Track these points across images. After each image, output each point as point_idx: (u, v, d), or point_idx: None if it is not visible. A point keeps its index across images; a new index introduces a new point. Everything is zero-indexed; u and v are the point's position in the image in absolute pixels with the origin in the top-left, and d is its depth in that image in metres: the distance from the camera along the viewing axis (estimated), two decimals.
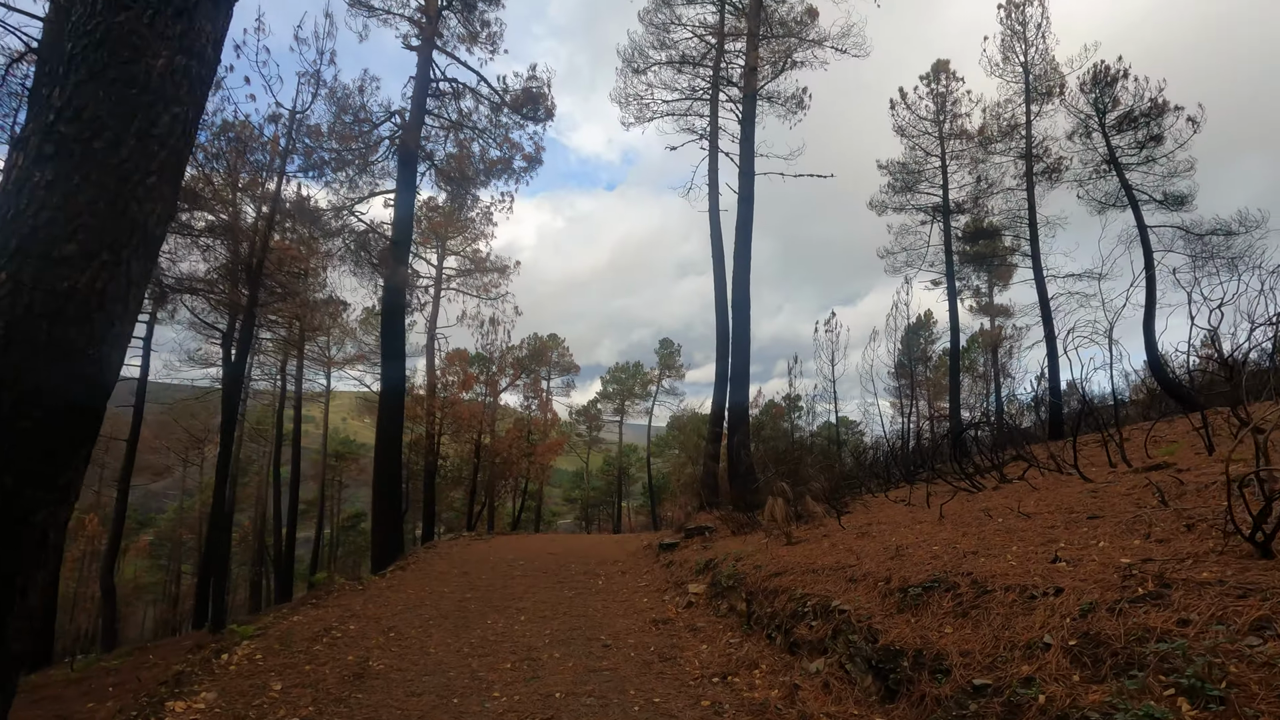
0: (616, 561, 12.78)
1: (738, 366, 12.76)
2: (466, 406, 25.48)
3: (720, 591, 6.75)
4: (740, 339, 12.83)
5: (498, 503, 31.97)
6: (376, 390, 36.46)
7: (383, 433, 13.16)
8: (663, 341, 43.04)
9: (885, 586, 4.85)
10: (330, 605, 7.69)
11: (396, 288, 13.07)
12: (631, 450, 52.94)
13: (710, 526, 11.45)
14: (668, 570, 9.40)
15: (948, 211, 21.84)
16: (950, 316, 21.75)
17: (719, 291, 15.80)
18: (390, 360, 13.49)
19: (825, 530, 7.64)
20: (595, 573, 10.91)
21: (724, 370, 15.59)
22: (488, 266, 25.30)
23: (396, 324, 13.62)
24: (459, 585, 9.32)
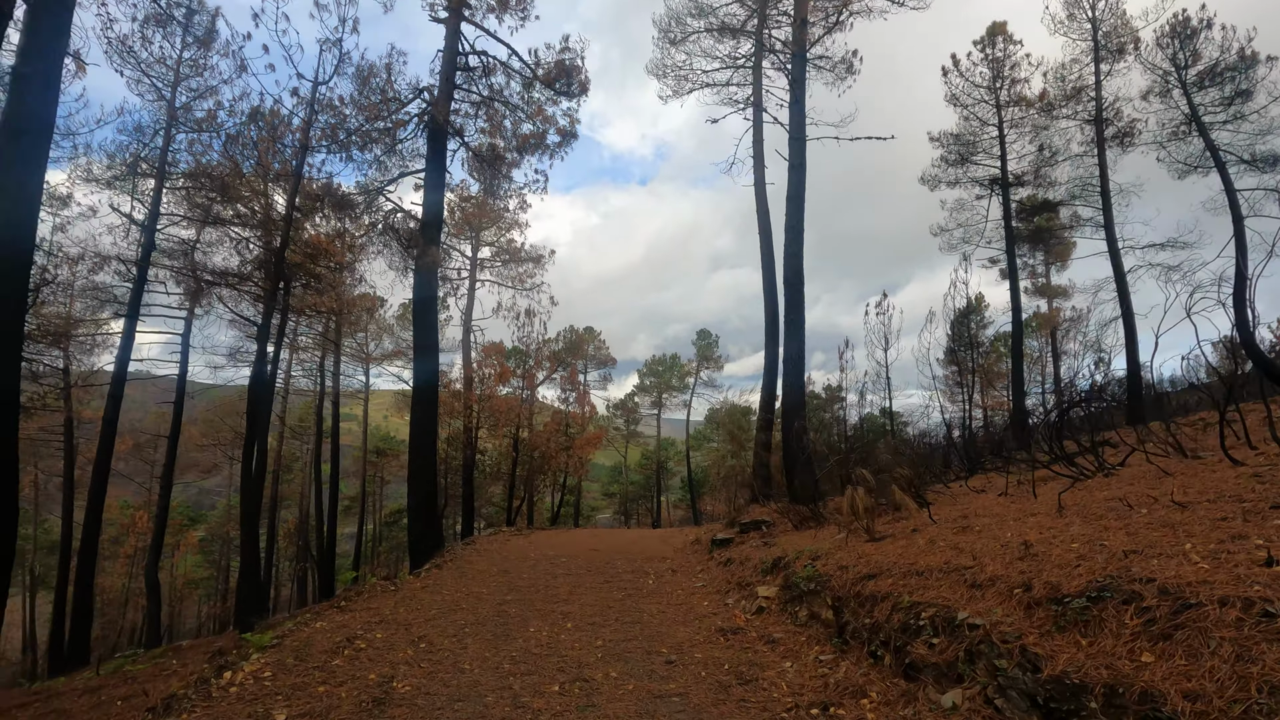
0: (664, 558, 11.88)
1: (792, 348, 11.71)
2: (503, 400, 24.86)
3: (797, 596, 5.78)
4: (794, 318, 11.77)
5: (536, 497, 31.39)
6: None
7: (416, 425, 12.50)
8: (700, 333, 41.97)
9: (1025, 595, 3.83)
10: (359, 609, 6.94)
11: (428, 270, 12.37)
12: (669, 444, 52.01)
13: (767, 520, 10.46)
14: (726, 569, 8.44)
15: (1006, 184, 20.32)
16: (1011, 293, 20.26)
17: (767, 270, 14.75)
18: (423, 348, 12.80)
19: (911, 524, 6.60)
20: (643, 571, 10.02)
21: (774, 354, 14.53)
22: (522, 256, 24.61)
23: (428, 310, 12.91)
24: (498, 586, 8.52)
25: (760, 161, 14.85)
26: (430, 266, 12.32)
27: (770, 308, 14.32)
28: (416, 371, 12.87)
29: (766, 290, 14.38)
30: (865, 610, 4.67)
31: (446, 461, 27.90)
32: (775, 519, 10.51)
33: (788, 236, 12.01)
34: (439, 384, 30.65)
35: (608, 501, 60.63)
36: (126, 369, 13.65)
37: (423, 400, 13.03)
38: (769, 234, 14.65)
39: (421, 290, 12.76)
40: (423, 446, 12.40)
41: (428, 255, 12.19)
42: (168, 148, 12.85)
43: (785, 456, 11.76)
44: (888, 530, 6.54)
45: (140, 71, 12.63)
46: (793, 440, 11.49)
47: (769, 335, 14.34)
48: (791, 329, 11.81)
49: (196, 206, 16.70)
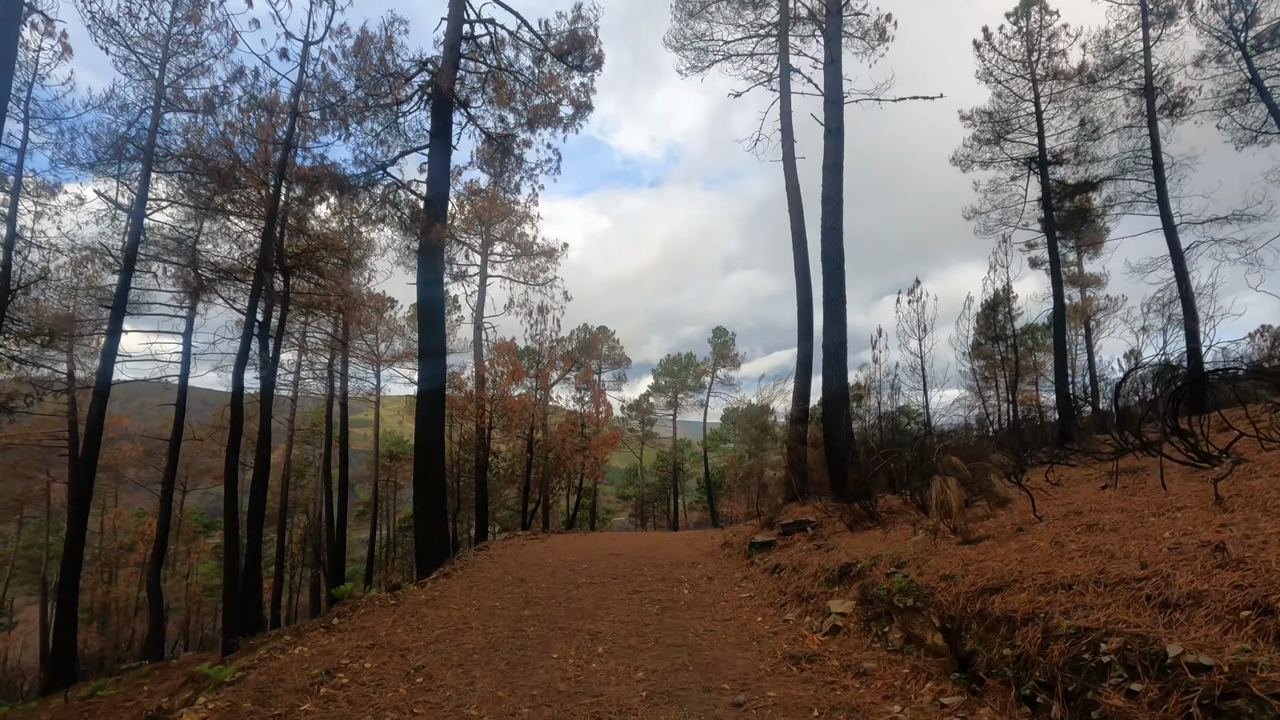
0: (694, 563, 10.72)
1: (833, 334, 10.52)
2: (516, 399, 23.79)
3: (882, 613, 4.60)
4: (834, 300, 10.58)
5: (551, 500, 30.29)
6: None
7: (422, 420, 11.42)
8: (716, 330, 40.73)
9: (1268, 621, 2.65)
10: (350, 629, 5.84)
11: (432, 247, 11.29)
12: (685, 445, 50.77)
13: (811, 520, 9.27)
14: (775, 578, 7.26)
15: (1045, 162, 19.02)
16: (1052, 275, 18.96)
17: (799, 251, 13.57)
18: (428, 328, 11.65)
19: (1011, 522, 5.41)
20: (675, 578, 8.87)
21: (807, 344, 13.34)
22: (534, 250, 23.58)
23: (433, 292, 11.79)
24: (513, 598, 7.39)
25: (789, 135, 13.69)
26: (435, 243, 11.26)
27: (803, 292, 13.14)
28: (422, 361, 11.78)
29: (799, 272, 13.20)
30: (999, 637, 3.49)
31: (459, 464, 26.89)
32: (820, 519, 9.31)
33: (825, 209, 10.83)
34: (447, 383, 29.65)
35: (623, 504, 59.41)
36: (113, 365, 12.71)
37: (429, 392, 11.94)
38: (799, 212, 13.48)
39: (426, 272, 11.68)
40: (429, 444, 11.31)
41: (432, 231, 11.12)
42: (156, 128, 11.91)
43: (828, 451, 10.56)
44: (981, 530, 5.35)
45: (127, 48, 11.72)
46: (837, 434, 10.29)
47: (802, 322, 13.15)
48: (832, 312, 10.62)
49: (194, 196, 15.81)
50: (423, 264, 11.65)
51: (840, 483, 10.25)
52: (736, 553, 11.03)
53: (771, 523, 10.84)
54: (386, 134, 11.93)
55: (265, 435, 16.61)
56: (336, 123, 11.10)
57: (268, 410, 16.22)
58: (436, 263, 11.72)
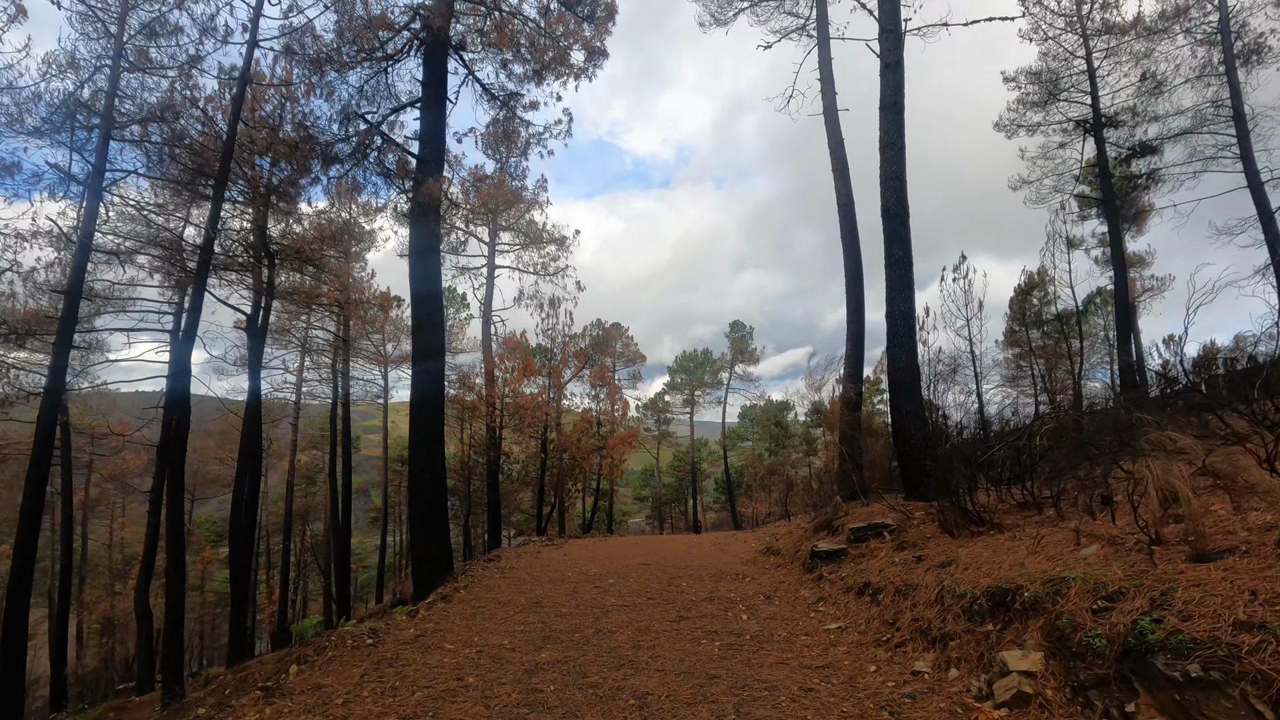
0: (739, 575, 8.99)
1: (900, 300, 8.73)
2: (528, 397, 22.09)
3: (1109, 677, 2.83)
4: (899, 260, 8.79)
5: (568, 503, 28.59)
6: None
7: (417, 413, 9.67)
8: (733, 324, 38.87)
9: None
10: (298, 692, 4.14)
11: (426, 207, 9.56)
12: (702, 445, 48.93)
13: (889, 524, 7.49)
14: (871, 603, 5.48)
15: (1099, 123, 17.11)
16: (1113, 247, 17.17)
17: (845, 215, 11.79)
18: (424, 320, 9.96)
19: (1251, 524, 3.62)
20: (724, 597, 7.14)
21: (857, 320, 11.55)
22: (544, 238, 21.91)
23: (429, 262, 9.95)
24: (527, 632, 5.68)
25: (829, 85, 11.95)
26: (430, 200, 9.54)
27: (852, 261, 11.37)
28: (418, 361, 10.05)
29: (846, 238, 11.42)
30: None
31: (469, 466, 25.26)
32: (897, 521, 7.53)
33: (885, 156, 9.06)
34: (457, 384, 27.99)
35: (639, 506, 57.62)
36: (67, 357, 11.12)
37: (425, 376, 10.17)
38: (844, 170, 11.71)
39: (420, 241, 9.95)
40: (426, 441, 9.58)
41: (425, 188, 9.42)
42: (115, 89, 10.36)
43: (898, 441, 8.77)
44: (1220, 537, 3.56)
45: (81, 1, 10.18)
46: (909, 419, 8.51)
47: (851, 294, 11.36)
48: (897, 276, 8.83)
49: (168, 176, 14.27)
50: (416, 235, 9.90)
51: (915, 478, 8.47)
52: (789, 562, 9.27)
53: (831, 525, 9.07)
54: (374, 92, 10.27)
55: (255, 444, 15.07)
56: (319, 78, 9.46)
57: (256, 417, 14.64)
58: (432, 232, 9.99)
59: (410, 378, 10.11)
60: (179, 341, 16.99)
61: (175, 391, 15.38)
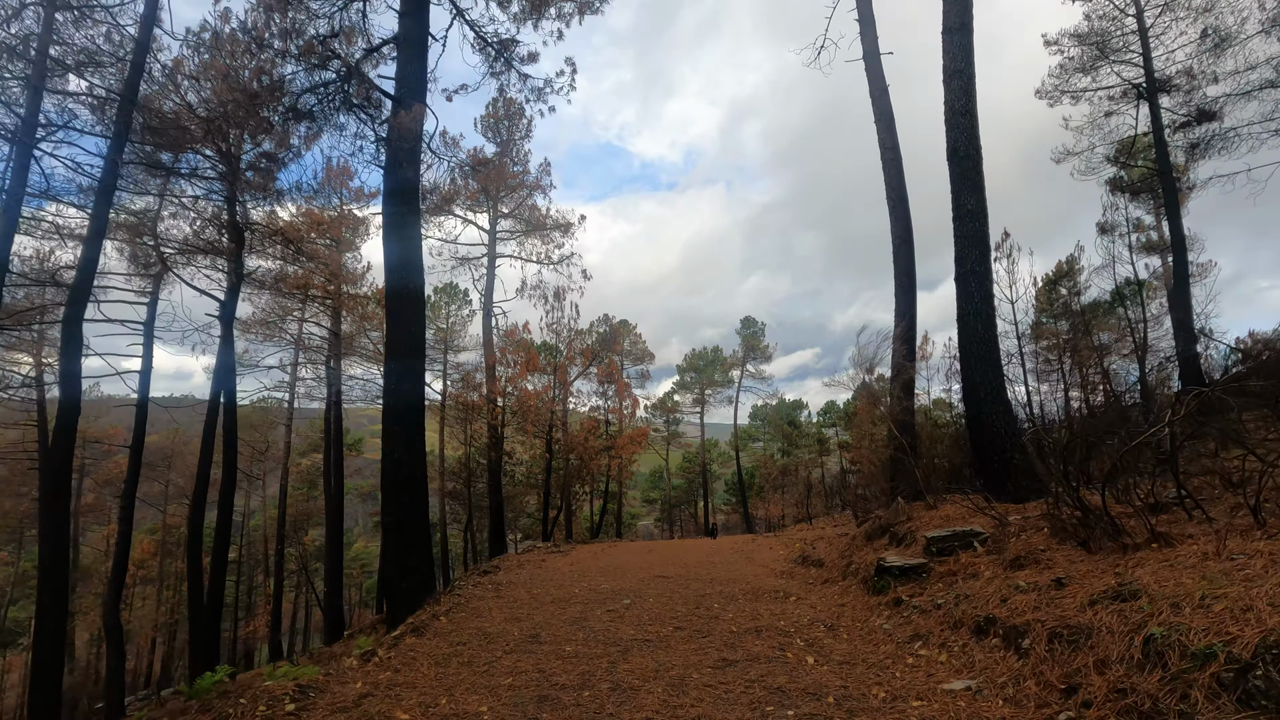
0: (780, 593, 7.38)
1: (973, 260, 7.11)
2: (533, 392, 20.49)
3: None
4: (971, 212, 7.17)
5: (575, 506, 26.96)
6: (436, 389, 32.22)
7: (392, 408, 7.98)
8: (745, 320, 37.21)
9: None
10: None
11: (403, 141, 7.89)
12: (711, 445, 47.23)
13: (978, 531, 5.85)
14: (1009, 651, 3.83)
15: (1154, 88, 15.43)
16: (1170, 222, 15.47)
17: (891, 172, 10.16)
18: (399, 276, 8.05)
19: None
20: (774, 628, 5.51)
21: (907, 293, 9.91)
22: (547, 223, 20.34)
23: (406, 223, 8.16)
24: (515, 688, 4.07)
25: (869, 26, 10.37)
26: (407, 133, 7.87)
27: (900, 223, 9.74)
28: (391, 317, 8.26)
29: (893, 198, 9.79)
30: None
31: (470, 467, 23.69)
32: (991, 530, 5.89)
33: (951, 88, 7.44)
34: (459, 381, 26.36)
35: (647, 508, 55.92)
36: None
37: (401, 356, 8.47)
38: (889, 120, 10.09)
39: (395, 180, 8.19)
40: (403, 443, 7.86)
41: (398, 120, 7.79)
42: (50, 33, 8.89)
43: (977, 430, 7.11)
44: None
45: None
46: (989, 404, 6.87)
47: (900, 262, 9.72)
48: (969, 231, 7.19)
49: (147, 164, 12.82)
50: (390, 186, 8.17)
51: (997, 473, 6.82)
52: (840, 576, 7.63)
53: (892, 533, 7.42)
54: (345, 31, 8.69)
55: (229, 446, 13.54)
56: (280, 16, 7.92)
57: (231, 417, 13.12)
58: (408, 184, 8.26)
59: (384, 368, 8.45)
60: (147, 334, 15.50)
61: (143, 388, 13.87)
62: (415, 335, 8.62)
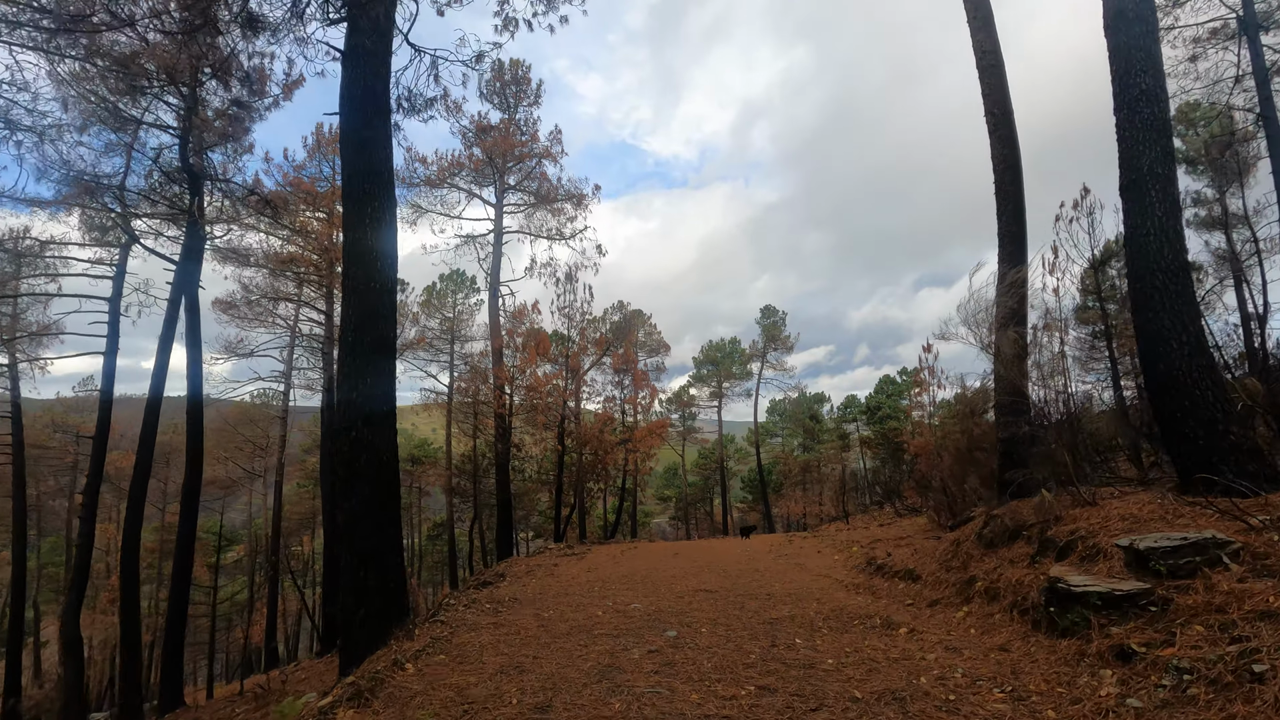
0: (875, 621, 5.33)
1: (1147, 157, 5.06)
2: (542, 377, 18.42)
3: None
4: (1147, 93, 5.12)
5: (589, 503, 24.93)
6: (443, 381, 30.31)
7: (351, 349, 5.63)
8: (765, 309, 34.97)
9: None
10: None
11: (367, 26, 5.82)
12: (728, 441, 45.06)
13: (1224, 540, 3.75)
14: None
15: (1255, 26, 13.19)
16: (1277, 180, 13.14)
17: (989, 78, 8.03)
18: (359, 185, 5.86)
19: None
20: (920, 693, 3.43)
21: (1016, 229, 7.77)
22: (558, 194, 18.31)
23: (368, 114, 5.88)
24: None
25: None
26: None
27: (1004, 146, 7.62)
28: (349, 246, 5.91)
29: (994, 111, 7.67)
30: None
31: (478, 463, 21.72)
32: (1236, 536, 3.79)
33: None
34: (464, 370, 24.36)
35: (662, 506, 53.82)
36: None
37: (364, 314, 6.17)
38: (987, 17, 7.97)
39: (356, 84, 6.14)
40: (361, 409, 5.60)
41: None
42: None
43: (1165, 398, 4.98)
44: None
45: None
46: (1186, 353, 4.78)
47: (1005, 195, 7.59)
48: (1144, 115, 5.13)
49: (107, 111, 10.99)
50: (350, 69, 6.00)
51: (1202, 454, 4.70)
52: (960, 597, 5.53)
53: (1024, 535, 5.31)
54: None
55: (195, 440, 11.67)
56: None
57: (197, 408, 11.22)
58: (377, 38, 5.94)
59: (341, 306, 6.28)
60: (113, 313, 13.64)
61: (108, 370, 12.01)
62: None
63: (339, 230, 18.67)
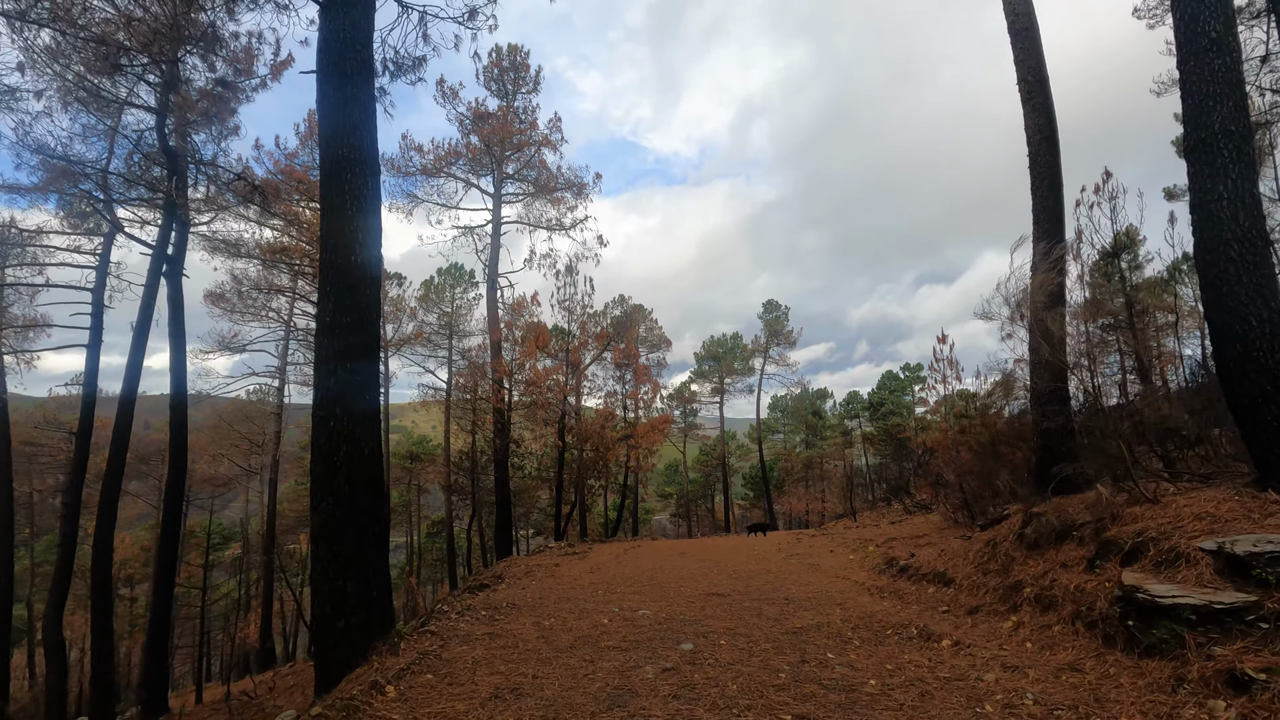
0: (909, 631, 4.76)
1: (1219, 115, 4.53)
2: (542, 370, 17.83)
3: None
4: (1215, 43, 4.58)
5: (590, 500, 24.38)
6: (442, 377, 29.72)
7: (327, 364, 5.24)
8: (767, 304, 34.38)
9: None
10: None
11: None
12: (729, 437, 44.50)
13: None
14: None
15: None
16: None
17: (1022, 42, 7.44)
18: (337, 149, 5.42)
19: None
20: None
21: (1053, 202, 7.21)
22: (558, 183, 17.71)
23: (348, 78, 5.30)
24: None
25: None
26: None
27: (1039, 114, 7.03)
28: (326, 230, 5.36)
29: (1028, 77, 7.07)
30: None
31: (474, 458, 21.17)
32: None
33: None
34: (461, 365, 23.70)
35: (662, 503, 53.27)
36: None
37: (348, 287, 5.43)
38: None
39: (334, 36, 5.57)
40: (338, 408, 5.06)
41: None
42: None
43: (1240, 382, 4.42)
44: None
45: None
46: (1271, 343, 4.23)
47: (1040, 163, 7.01)
48: (1213, 65, 4.59)
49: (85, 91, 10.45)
50: (329, 22, 5.42)
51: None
52: (1004, 604, 4.97)
53: (1075, 536, 4.75)
54: None
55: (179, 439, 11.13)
56: None
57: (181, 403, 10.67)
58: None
59: (319, 282, 5.65)
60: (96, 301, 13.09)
61: (90, 366, 11.51)
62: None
63: None
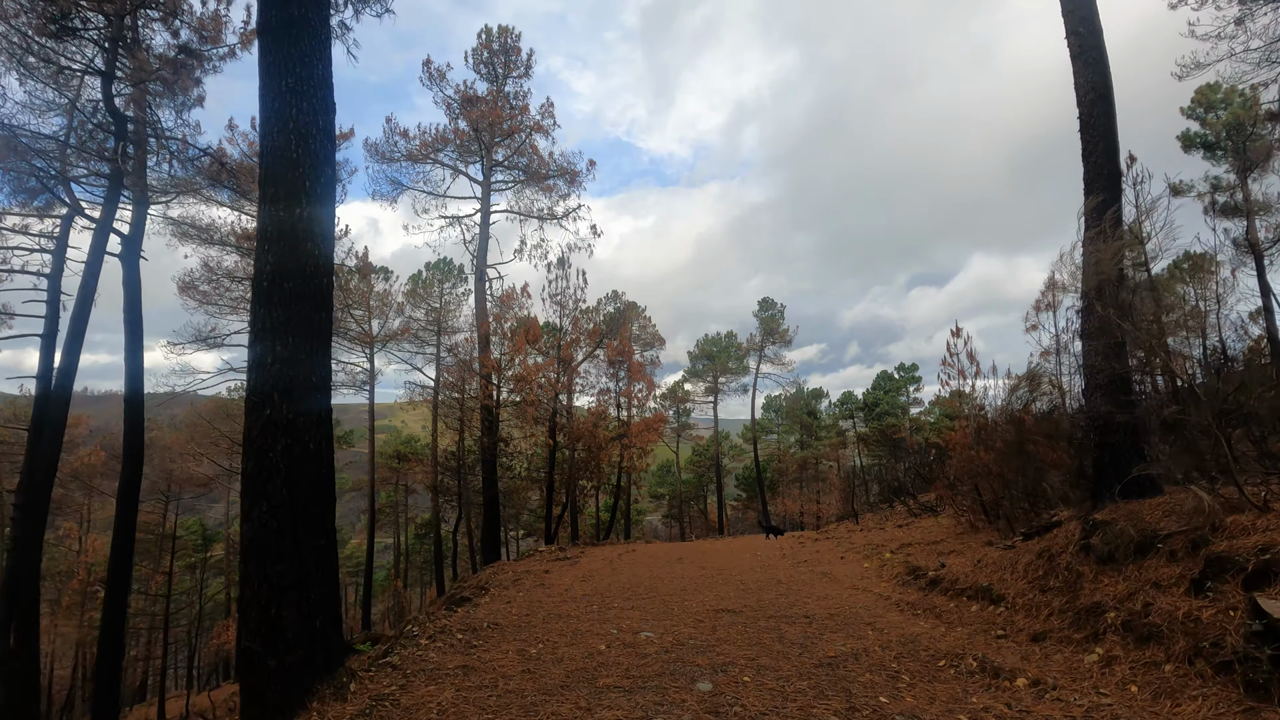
0: (970, 663, 3.88)
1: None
2: (533, 366, 16.92)
3: None
4: None
5: (581, 501, 23.48)
6: (429, 374, 28.70)
7: (265, 338, 4.29)
8: (763, 302, 33.59)
9: None
10: None
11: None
12: (723, 437, 43.71)
13: None
14: None
15: None
16: None
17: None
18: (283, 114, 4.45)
19: None
20: None
21: (1108, 166, 6.45)
22: (550, 170, 16.80)
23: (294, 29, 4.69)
24: None
25: None
26: None
27: (1092, 70, 6.29)
28: (265, 198, 4.43)
29: (1077, 21, 6.30)
30: None
31: (461, 457, 20.22)
32: None
33: None
34: (449, 359, 22.72)
35: (654, 504, 52.40)
36: None
37: (291, 245, 4.45)
38: None
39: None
40: (280, 398, 4.15)
41: None
42: None
43: None
44: None
45: None
46: None
47: (1094, 119, 6.23)
48: None
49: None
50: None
51: None
52: (1079, 632, 4.15)
53: (1161, 549, 3.94)
54: None
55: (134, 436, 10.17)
56: None
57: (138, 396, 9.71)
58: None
59: (260, 281, 4.59)
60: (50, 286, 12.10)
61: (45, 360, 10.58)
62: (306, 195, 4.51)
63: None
